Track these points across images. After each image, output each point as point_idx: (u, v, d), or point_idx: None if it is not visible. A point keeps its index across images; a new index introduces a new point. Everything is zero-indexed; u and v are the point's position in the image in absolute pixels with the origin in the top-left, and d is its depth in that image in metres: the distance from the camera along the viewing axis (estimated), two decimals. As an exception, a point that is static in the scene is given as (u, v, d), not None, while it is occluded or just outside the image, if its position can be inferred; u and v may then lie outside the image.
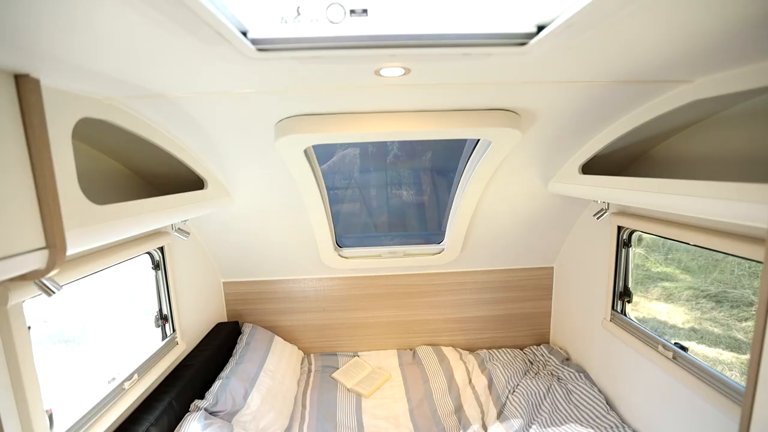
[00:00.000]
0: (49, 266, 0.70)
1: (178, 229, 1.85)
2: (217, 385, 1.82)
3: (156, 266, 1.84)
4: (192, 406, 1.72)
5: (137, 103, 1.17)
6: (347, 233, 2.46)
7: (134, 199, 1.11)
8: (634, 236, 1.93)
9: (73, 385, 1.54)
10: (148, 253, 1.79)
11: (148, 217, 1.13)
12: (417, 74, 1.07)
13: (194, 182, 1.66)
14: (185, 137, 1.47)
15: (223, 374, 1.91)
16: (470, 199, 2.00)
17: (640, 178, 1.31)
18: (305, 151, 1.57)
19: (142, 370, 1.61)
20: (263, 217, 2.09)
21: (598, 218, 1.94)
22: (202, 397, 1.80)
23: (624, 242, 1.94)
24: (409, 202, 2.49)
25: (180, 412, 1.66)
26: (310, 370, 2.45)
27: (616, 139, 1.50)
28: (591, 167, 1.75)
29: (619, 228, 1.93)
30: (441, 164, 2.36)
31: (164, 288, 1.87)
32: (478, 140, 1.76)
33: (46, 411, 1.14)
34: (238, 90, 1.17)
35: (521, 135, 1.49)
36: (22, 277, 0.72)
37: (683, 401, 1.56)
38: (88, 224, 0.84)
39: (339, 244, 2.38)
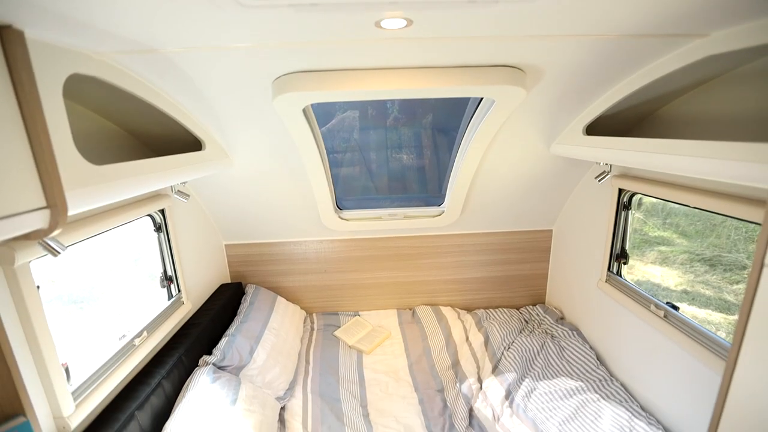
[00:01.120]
0: (52, 226, 0.70)
1: (178, 191, 1.85)
2: (223, 341, 1.89)
3: (158, 228, 1.86)
4: (201, 361, 1.80)
5: (128, 58, 1.12)
6: (347, 196, 2.46)
7: (131, 160, 1.10)
8: (635, 199, 1.93)
9: (86, 342, 1.60)
10: (150, 215, 1.80)
11: (146, 178, 1.12)
12: (419, 26, 1.02)
13: (192, 144, 1.64)
14: (180, 96, 1.42)
15: (228, 332, 1.99)
16: (471, 160, 1.97)
17: (644, 139, 1.28)
18: (304, 111, 1.53)
19: (151, 327, 1.67)
20: (263, 179, 2.08)
21: (599, 181, 1.93)
22: (209, 353, 1.88)
23: (624, 205, 1.94)
24: (410, 165, 2.47)
25: (189, 367, 1.74)
26: (312, 329, 2.54)
27: (623, 99, 1.46)
28: (595, 128, 1.71)
29: (620, 191, 1.92)
30: (442, 126, 2.31)
31: (167, 249, 1.89)
32: (481, 100, 1.71)
33: (62, 365, 1.19)
34: (232, 44, 1.12)
35: (526, 93, 1.45)
36: (26, 237, 0.73)
37: (670, 357, 1.63)
38: (88, 184, 0.83)
39: (339, 206, 2.38)
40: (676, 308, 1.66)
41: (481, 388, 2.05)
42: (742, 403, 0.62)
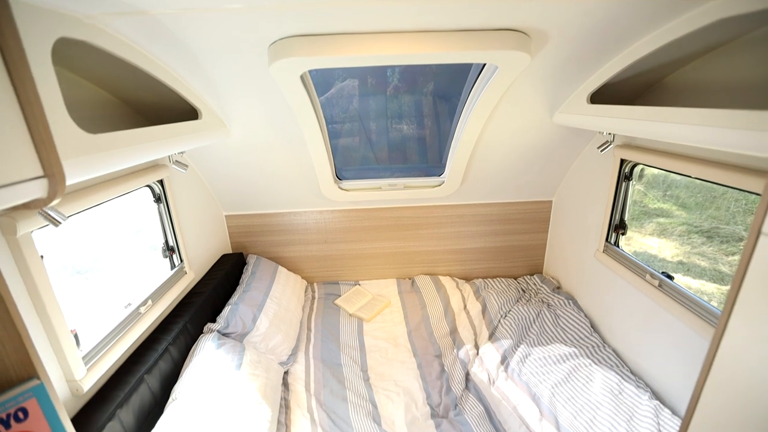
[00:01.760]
0: (51, 195, 0.70)
1: (176, 161, 1.83)
2: (227, 310, 1.93)
3: (157, 199, 1.85)
4: (205, 328, 1.85)
5: (119, 21, 1.08)
6: (347, 166, 2.44)
7: (127, 129, 1.08)
8: (636, 170, 1.92)
9: (93, 311, 1.64)
10: (149, 186, 1.79)
11: (143, 147, 1.11)
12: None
13: (188, 113, 1.61)
14: (174, 63, 1.38)
15: (231, 301, 2.03)
16: (472, 130, 1.94)
17: (650, 107, 1.26)
18: (302, 78, 1.49)
19: (156, 296, 1.71)
20: (261, 149, 2.06)
21: (602, 151, 1.91)
22: (213, 321, 1.93)
23: (625, 176, 1.93)
24: (410, 134, 2.43)
25: (195, 334, 1.79)
26: (313, 297, 2.59)
27: (630, 65, 1.42)
28: (599, 97, 1.67)
29: (622, 161, 1.91)
30: (443, 95, 2.26)
31: (168, 220, 1.90)
32: (483, 67, 1.66)
33: (71, 331, 1.22)
34: (225, 5, 1.08)
35: (530, 59, 1.40)
36: (27, 207, 0.73)
37: (662, 324, 1.68)
38: (84, 153, 0.82)
39: (339, 176, 2.37)
40: (671, 278, 1.69)
41: (477, 353, 2.12)
42: (727, 366, 0.64)
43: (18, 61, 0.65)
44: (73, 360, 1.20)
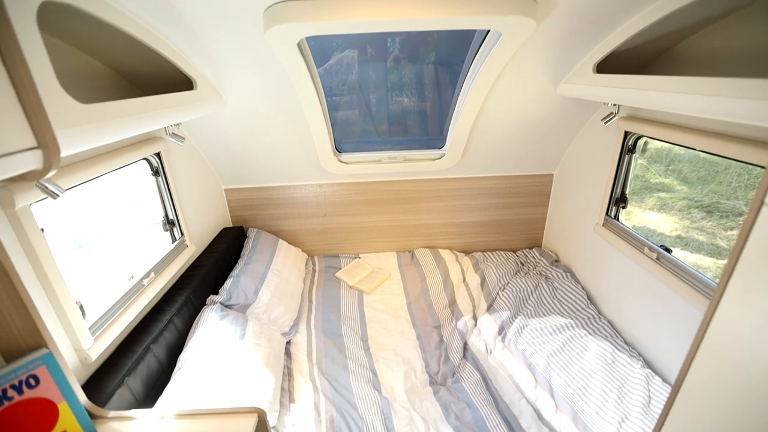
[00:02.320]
0: (46, 167, 0.69)
1: (173, 134, 1.80)
2: (229, 282, 1.96)
3: (155, 172, 1.84)
4: (208, 300, 1.88)
5: (105, -15, 1.03)
6: (346, 139, 2.41)
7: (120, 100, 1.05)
8: (640, 143, 1.89)
9: (97, 283, 1.66)
10: (146, 159, 1.77)
11: (138, 118, 1.09)
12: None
13: (183, 83, 1.57)
14: (166, 29, 1.33)
15: (233, 273, 2.05)
16: (474, 101, 1.90)
17: (659, 77, 1.22)
18: (299, 46, 1.45)
19: (158, 269, 1.72)
20: (259, 121, 2.02)
21: (605, 123, 1.87)
22: (216, 293, 1.96)
23: (629, 148, 1.91)
24: (410, 106, 2.38)
25: (198, 305, 1.83)
26: (314, 270, 2.62)
27: (640, 32, 1.36)
28: (605, 67, 1.62)
29: (626, 134, 1.88)
30: (444, 65, 2.20)
31: (167, 193, 1.89)
32: (486, 34, 1.60)
33: (76, 302, 1.24)
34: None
35: (535, 25, 1.35)
36: (23, 179, 0.72)
37: (658, 296, 1.70)
38: (77, 124, 0.80)
39: (338, 149, 2.34)
40: (669, 251, 1.70)
41: (475, 324, 2.17)
42: (720, 335, 0.66)
43: (2, 26, 0.63)
44: (80, 330, 1.22)
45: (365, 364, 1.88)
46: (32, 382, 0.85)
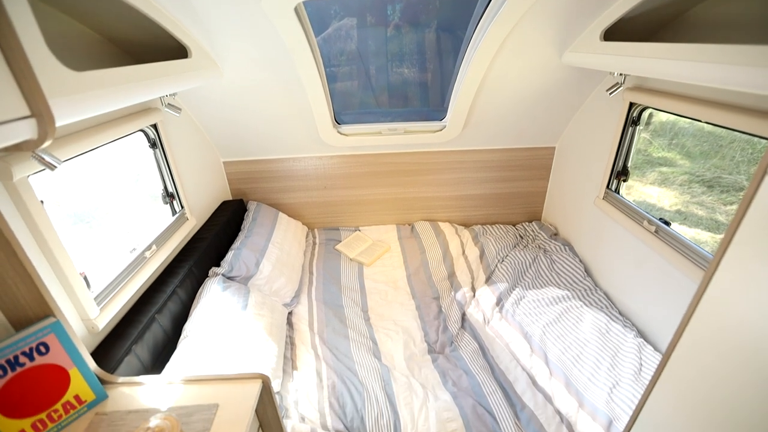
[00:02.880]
0: (42, 136, 0.68)
1: (168, 104, 1.77)
2: (230, 254, 1.98)
3: (153, 144, 1.82)
4: (210, 272, 1.91)
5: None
6: (346, 110, 2.36)
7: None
8: (644, 115, 1.86)
9: (99, 255, 1.67)
10: (143, 131, 1.75)
11: (133, 87, 1.06)
12: None
13: (177, 51, 1.52)
14: (157, -7, 1.28)
15: (234, 246, 2.07)
16: (477, 70, 1.85)
17: (670, 44, 1.18)
18: (296, 11, 1.39)
19: (159, 241, 1.74)
20: (257, 91, 1.98)
21: (610, 94, 1.83)
22: (218, 265, 1.98)
23: (633, 120, 1.87)
24: (411, 76, 2.32)
25: (200, 277, 1.85)
26: (314, 243, 2.64)
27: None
28: (612, 34, 1.57)
29: (631, 105, 1.84)
30: (446, 33, 2.12)
31: (165, 166, 1.88)
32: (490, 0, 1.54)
33: (80, 274, 1.26)
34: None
35: (542, -9, 1.30)
36: (19, 149, 0.71)
37: (655, 269, 1.72)
38: (71, 92, 0.79)
39: (338, 121, 2.31)
40: (668, 224, 1.70)
41: (474, 296, 2.21)
42: (714, 304, 0.67)
43: (-14, -12, 0.60)
44: (86, 300, 1.25)
45: (365, 334, 1.93)
46: (42, 349, 0.88)
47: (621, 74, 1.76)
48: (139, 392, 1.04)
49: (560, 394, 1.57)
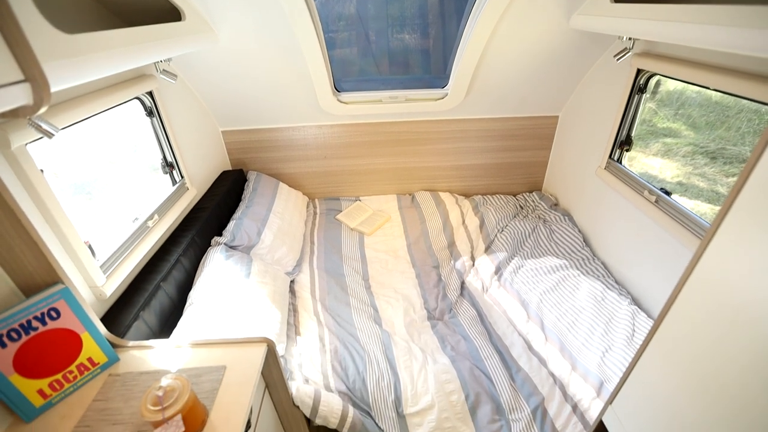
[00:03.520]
0: (37, 102, 0.67)
1: (164, 70, 1.72)
2: (232, 224, 1.99)
3: (149, 113, 1.78)
4: (213, 241, 1.93)
5: None
6: (346, 77, 2.30)
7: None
8: (651, 82, 1.82)
9: (101, 225, 1.68)
10: (139, 99, 1.71)
11: (126, 51, 1.03)
12: None
13: (169, 14, 1.46)
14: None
15: (236, 215, 2.08)
16: (480, 34, 1.79)
17: (684, 5, 1.13)
18: (292, -29, 1.33)
19: (161, 211, 1.74)
20: (254, 57, 1.92)
21: (618, 60, 1.78)
22: (219, 235, 2.00)
23: (639, 87, 1.83)
24: (412, 42, 2.25)
25: (203, 246, 1.87)
26: (315, 213, 2.66)
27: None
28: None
29: (638, 72, 1.79)
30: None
31: (163, 135, 1.85)
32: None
33: (85, 242, 1.28)
34: None
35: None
36: (14, 114, 0.70)
37: (654, 239, 1.74)
38: (64, 56, 0.76)
39: (337, 88, 2.25)
40: (668, 194, 1.70)
41: (473, 265, 2.24)
42: (708, 270, 0.68)
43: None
44: (92, 268, 1.27)
45: (366, 301, 1.97)
46: (53, 314, 0.91)
47: (630, 39, 1.70)
48: (150, 355, 1.08)
49: (554, 358, 1.63)
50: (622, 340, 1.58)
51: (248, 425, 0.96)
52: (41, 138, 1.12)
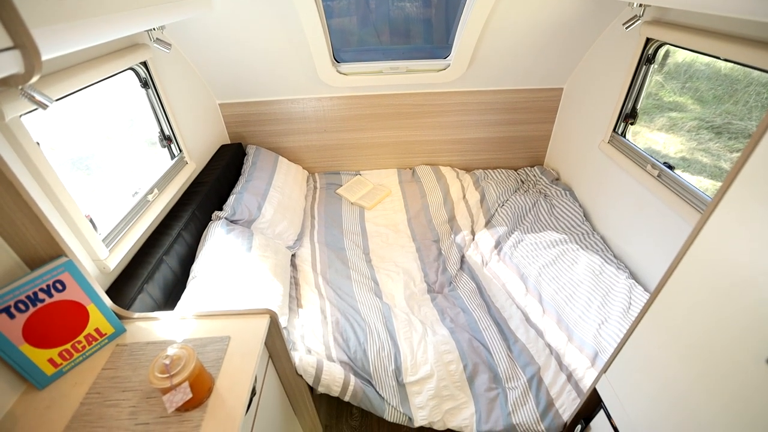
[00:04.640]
0: (29, 70, 0.65)
1: (157, 39, 1.67)
2: (232, 198, 1.99)
3: (144, 84, 1.74)
4: (213, 216, 1.93)
5: None
6: (345, 47, 2.23)
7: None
8: (660, 53, 1.76)
9: (101, 199, 1.68)
10: (133, 70, 1.67)
11: (117, 18, 0.99)
12: None
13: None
14: None
15: (236, 190, 2.07)
16: (484, 2, 1.72)
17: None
18: (288, -69, 1.26)
19: (161, 185, 1.74)
20: (250, 25, 1.85)
21: (627, 28, 1.72)
22: (220, 209, 2.00)
23: (648, 58, 1.78)
24: (414, 10, 2.16)
25: (204, 221, 1.88)
26: (315, 187, 2.65)
27: None
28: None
29: (647, 41, 1.74)
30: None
31: (159, 107, 1.82)
32: None
33: (86, 216, 1.28)
34: None
35: None
36: (6, 83, 0.69)
37: (654, 213, 1.74)
38: (53, 22, 0.74)
39: (337, 59, 2.19)
40: (671, 168, 1.69)
41: (473, 239, 2.25)
42: (710, 241, 0.68)
43: None
44: (94, 241, 1.28)
45: (367, 275, 2.00)
46: (59, 286, 0.92)
47: (641, 5, 1.64)
48: (155, 326, 1.10)
49: (551, 330, 1.67)
50: (618, 312, 1.61)
51: (253, 392, 0.99)
52: (36, 109, 1.10)
